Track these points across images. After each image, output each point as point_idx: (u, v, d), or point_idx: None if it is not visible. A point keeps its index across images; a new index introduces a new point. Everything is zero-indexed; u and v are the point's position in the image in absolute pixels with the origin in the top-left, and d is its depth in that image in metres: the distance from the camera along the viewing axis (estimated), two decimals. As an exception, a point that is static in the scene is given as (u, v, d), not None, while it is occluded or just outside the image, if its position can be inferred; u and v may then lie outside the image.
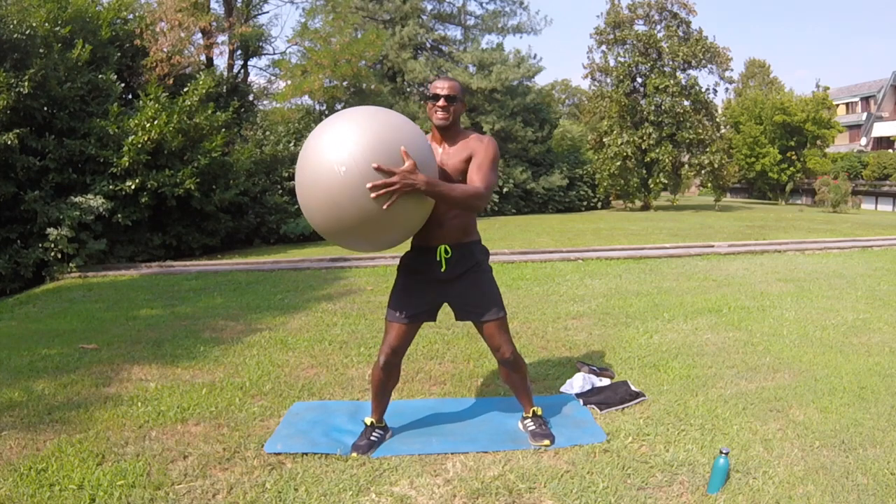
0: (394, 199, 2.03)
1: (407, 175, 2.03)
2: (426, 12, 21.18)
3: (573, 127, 26.30)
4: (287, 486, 2.27)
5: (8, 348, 4.23)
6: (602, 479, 2.31)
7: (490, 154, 2.38)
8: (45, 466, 2.41)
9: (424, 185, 2.07)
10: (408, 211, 2.11)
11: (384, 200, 2.01)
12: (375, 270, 7.61)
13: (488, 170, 2.36)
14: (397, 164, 2.04)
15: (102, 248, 8.73)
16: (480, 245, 2.57)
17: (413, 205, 2.12)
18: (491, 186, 2.34)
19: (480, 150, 2.39)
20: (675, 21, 22.49)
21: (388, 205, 2.02)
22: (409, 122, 2.24)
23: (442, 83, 2.42)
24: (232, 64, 15.27)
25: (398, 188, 2.02)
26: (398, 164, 2.04)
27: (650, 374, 3.52)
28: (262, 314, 5.20)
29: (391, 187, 2.01)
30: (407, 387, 3.34)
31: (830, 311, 5.12)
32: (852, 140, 38.21)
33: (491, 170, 2.36)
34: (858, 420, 2.86)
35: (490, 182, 2.34)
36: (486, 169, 2.35)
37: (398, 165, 2.04)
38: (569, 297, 5.73)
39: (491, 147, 2.40)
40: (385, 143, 2.04)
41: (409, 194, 2.06)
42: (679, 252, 8.97)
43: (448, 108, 2.40)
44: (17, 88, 8.10)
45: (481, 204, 2.31)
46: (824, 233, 12.49)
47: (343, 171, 1.99)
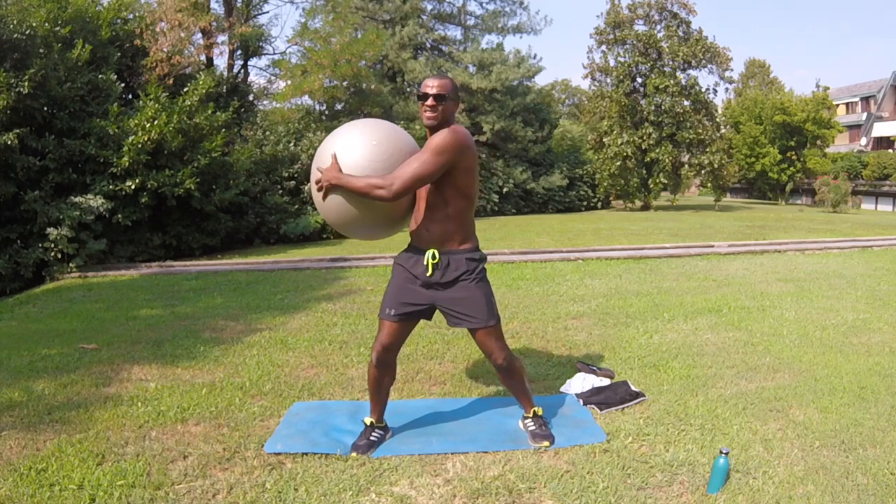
0: (322, 192, 2.42)
1: (326, 172, 2.40)
2: (426, 12, 21.17)
3: (573, 127, 26.27)
4: (287, 486, 2.27)
5: (8, 348, 4.24)
6: (602, 479, 2.31)
7: (430, 145, 2.31)
8: (45, 466, 2.41)
9: (334, 179, 2.38)
10: (344, 202, 2.44)
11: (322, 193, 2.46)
12: (375, 270, 7.61)
13: (412, 160, 2.32)
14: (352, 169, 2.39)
15: (102, 248, 8.73)
16: (473, 253, 2.51)
17: (345, 198, 2.43)
18: (404, 177, 2.28)
19: (429, 142, 2.33)
20: (675, 21, 22.48)
21: (322, 197, 2.45)
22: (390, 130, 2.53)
23: (432, 82, 2.37)
24: (232, 64, 15.27)
25: (321, 183, 2.42)
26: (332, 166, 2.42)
27: (650, 374, 3.52)
28: (262, 314, 5.20)
29: (319, 183, 2.44)
30: (407, 387, 3.34)
31: (830, 311, 5.12)
32: (852, 140, 38.21)
33: (417, 160, 2.30)
34: (858, 420, 2.86)
35: (406, 172, 2.29)
36: (411, 159, 2.33)
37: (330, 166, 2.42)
38: (569, 297, 5.73)
39: (436, 138, 2.31)
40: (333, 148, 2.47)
41: (336, 189, 2.40)
42: (679, 252, 8.97)
43: (436, 107, 2.35)
44: (17, 88, 8.10)
45: (382, 194, 2.29)
46: (824, 233, 12.48)
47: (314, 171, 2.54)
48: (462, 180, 2.39)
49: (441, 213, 2.43)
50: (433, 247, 2.45)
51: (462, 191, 2.42)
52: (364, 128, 2.53)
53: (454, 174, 2.36)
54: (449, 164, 2.32)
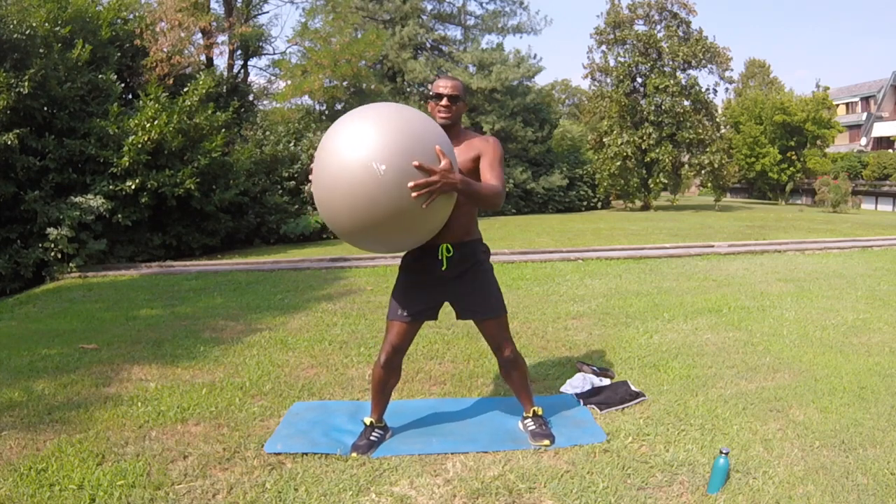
0: (433, 197, 2.02)
1: (446, 174, 2.04)
2: (426, 12, 21.17)
3: (573, 127, 26.29)
4: (287, 486, 2.27)
5: (8, 348, 4.23)
6: (602, 479, 2.31)
7: (498, 154, 2.45)
8: (45, 466, 2.41)
9: (461, 183, 2.10)
10: (440, 210, 2.11)
11: (423, 199, 2.00)
12: (375, 270, 7.61)
13: (500, 169, 2.43)
14: (433, 163, 2.03)
15: (102, 248, 8.73)
16: (482, 244, 2.58)
17: (444, 204, 2.12)
18: (505, 185, 2.42)
19: (489, 150, 2.44)
20: (675, 21, 22.49)
21: (428, 203, 2.01)
22: (430, 119, 2.25)
23: (445, 82, 2.44)
24: (232, 64, 15.27)
25: (438, 187, 2.02)
26: (434, 163, 2.03)
27: (650, 374, 3.52)
28: (262, 314, 5.20)
29: (432, 186, 2.00)
30: (407, 387, 3.34)
31: (830, 311, 5.11)
32: (852, 140, 38.21)
33: (502, 169, 2.44)
34: (858, 420, 2.86)
35: (503, 180, 2.42)
36: (499, 169, 2.42)
37: (434, 164, 2.03)
38: (569, 297, 5.73)
39: (498, 147, 2.47)
40: (420, 142, 2.03)
41: (445, 193, 2.07)
42: (679, 252, 8.97)
43: (450, 107, 2.43)
44: (17, 88, 8.10)
45: (501, 202, 2.37)
46: (824, 233, 12.48)
47: (383, 169, 1.96)
48: None
49: (463, 209, 2.45)
50: (446, 241, 2.45)
51: None
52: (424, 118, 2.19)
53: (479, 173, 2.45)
54: None
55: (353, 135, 2.04)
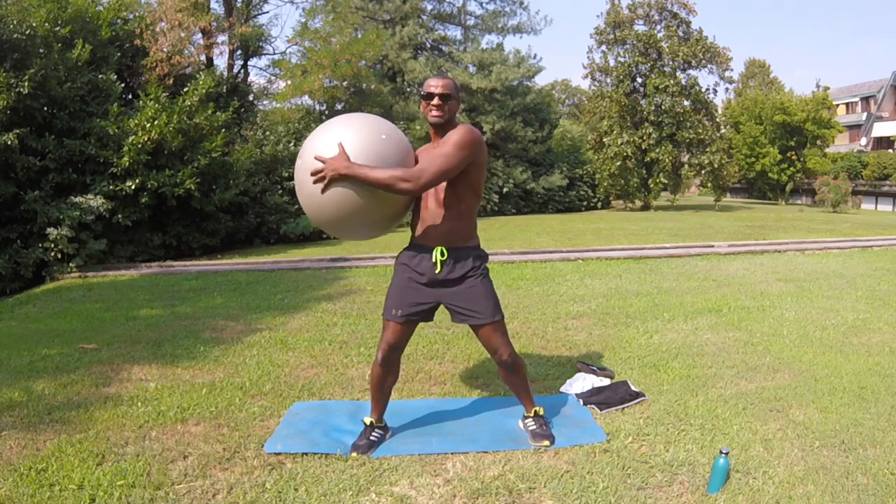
0: (325, 183, 2.26)
1: (332, 161, 2.26)
2: (426, 12, 21.18)
3: (573, 127, 26.29)
4: (287, 486, 2.27)
5: (8, 348, 4.23)
6: (602, 479, 2.31)
7: (451, 140, 2.33)
8: (45, 466, 2.41)
9: (345, 169, 2.24)
10: (350, 196, 2.30)
11: (320, 185, 2.29)
12: (375, 270, 7.61)
13: (437, 155, 2.32)
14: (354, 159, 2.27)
15: (102, 248, 8.72)
16: (478, 250, 2.57)
17: (353, 190, 2.29)
18: (432, 170, 2.29)
19: (447, 137, 2.37)
20: (675, 21, 22.49)
21: (323, 189, 2.28)
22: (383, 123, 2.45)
23: (436, 81, 2.43)
24: (232, 64, 15.27)
25: (324, 174, 2.26)
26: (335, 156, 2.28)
27: (650, 374, 3.52)
28: (262, 314, 5.20)
29: (321, 173, 2.27)
30: (407, 387, 3.34)
31: (830, 311, 5.11)
32: (852, 140, 38.21)
33: (442, 155, 2.31)
34: (858, 420, 2.86)
35: (433, 166, 2.30)
36: (436, 154, 2.34)
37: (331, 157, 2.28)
38: (569, 297, 5.73)
39: (456, 134, 2.35)
40: (327, 138, 2.33)
41: (344, 180, 2.26)
42: (679, 252, 8.96)
43: (442, 106, 2.41)
44: (17, 88, 8.10)
45: (409, 187, 2.27)
46: (824, 233, 12.48)
47: (299, 163, 2.38)
48: (475, 177, 2.44)
49: (453, 211, 2.45)
50: (441, 244, 2.45)
51: (474, 187, 2.47)
52: (367, 121, 2.43)
53: (469, 170, 2.40)
54: (469, 160, 2.36)
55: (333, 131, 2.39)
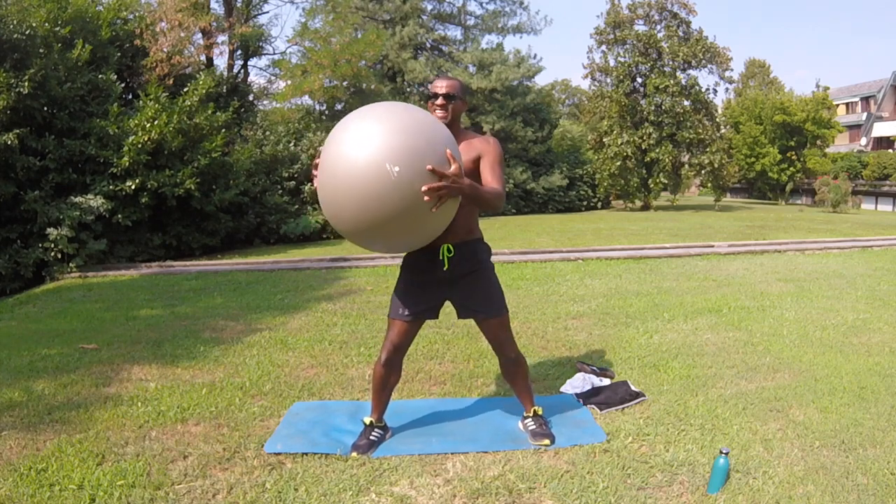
0: (443, 201, 2.04)
1: (456, 178, 2.05)
2: (426, 12, 21.18)
3: (573, 127, 26.30)
4: (287, 486, 2.27)
5: (8, 348, 4.23)
6: (602, 479, 2.31)
7: (499, 155, 2.46)
8: (45, 466, 2.41)
9: (469, 188, 2.12)
10: (446, 212, 2.13)
11: (434, 202, 2.01)
12: (375, 270, 7.61)
13: (500, 171, 2.44)
14: (443, 165, 2.04)
15: (102, 248, 8.73)
16: (483, 243, 2.58)
17: (450, 206, 2.13)
18: (505, 186, 2.44)
19: (489, 151, 2.44)
20: (675, 21, 22.50)
21: (437, 206, 2.03)
22: (438, 121, 2.25)
23: (441, 82, 2.45)
24: (232, 64, 15.26)
25: (448, 191, 2.03)
26: (444, 165, 2.04)
27: (650, 374, 3.52)
28: (262, 314, 5.20)
29: (442, 190, 2.01)
30: (407, 387, 3.34)
31: (830, 311, 5.11)
32: (852, 140, 38.20)
33: (502, 170, 2.46)
34: (858, 420, 2.86)
35: (504, 182, 2.44)
36: (499, 170, 2.43)
37: (444, 167, 2.04)
38: (569, 297, 5.73)
39: (498, 148, 2.47)
40: (431, 144, 2.05)
41: (453, 197, 2.08)
42: (679, 252, 8.97)
43: (447, 106, 2.42)
44: (17, 88, 8.10)
45: (503, 204, 2.39)
46: (824, 233, 12.48)
47: (396, 171, 1.96)
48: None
49: (462, 210, 2.43)
50: (448, 241, 2.44)
51: None
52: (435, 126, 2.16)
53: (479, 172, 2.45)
54: None
55: (365, 134, 2.03)
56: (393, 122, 2.05)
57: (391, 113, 2.10)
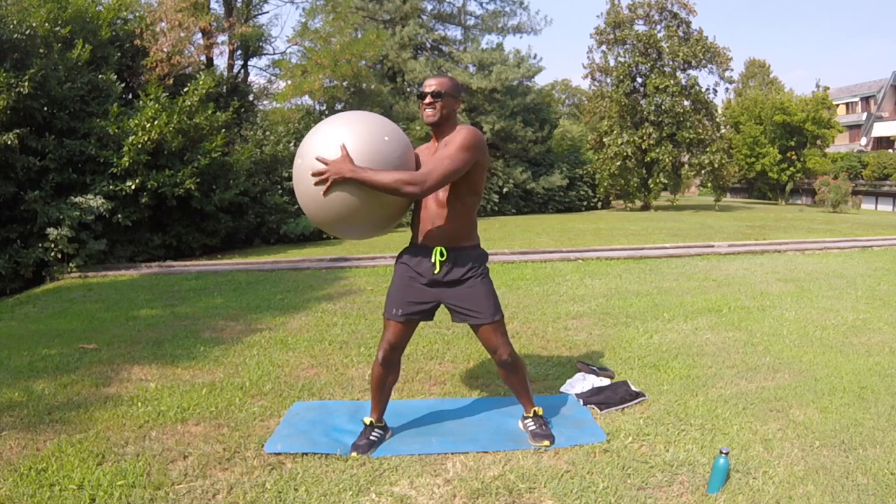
0: (327, 185, 2.22)
1: (335, 164, 2.21)
2: (426, 12, 21.17)
3: (573, 127, 26.29)
4: (287, 486, 2.27)
5: (8, 348, 4.23)
6: (602, 479, 2.31)
7: (459, 142, 2.31)
8: (45, 466, 2.41)
9: (349, 172, 2.21)
10: (351, 198, 2.26)
11: (322, 187, 2.25)
12: (375, 270, 7.61)
13: (442, 157, 2.29)
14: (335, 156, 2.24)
15: (102, 248, 8.73)
16: (478, 250, 2.56)
17: (354, 192, 2.25)
18: (437, 173, 2.26)
19: (451, 139, 2.35)
20: (675, 21, 22.49)
21: (324, 191, 2.24)
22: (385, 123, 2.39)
23: (429, 81, 2.43)
24: (232, 64, 15.26)
25: (327, 175, 2.22)
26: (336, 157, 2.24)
27: (650, 374, 3.52)
28: (262, 314, 5.20)
29: (323, 175, 2.22)
30: (407, 387, 3.34)
31: (830, 311, 5.11)
32: (852, 140, 38.19)
33: (447, 157, 2.28)
34: (858, 420, 2.86)
35: (439, 169, 2.26)
36: (441, 156, 2.30)
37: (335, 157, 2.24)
38: (569, 297, 5.73)
39: (459, 135, 2.33)
40: (329, 140, 2.28)
41: (346, 182, 2.22)
42: (679, 252, 8.97)
43: (434, 104, 2.40)
44: (17, 88, 8.10)
45: (414, 191, 2.23)
46: (824, 233, 12.48)
47: (299, 162, 2.33)
48: (477, 177, 2.44)
49: (453, 211, 2.44)
50: (441, 244, 2.44)
51: (475, 188, 2.46)
52: (369, 121, 2.36)
53: (471, 171, 2.39)
54: (473, 161, 2.35)
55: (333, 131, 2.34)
56: (321, 125, 2.39)
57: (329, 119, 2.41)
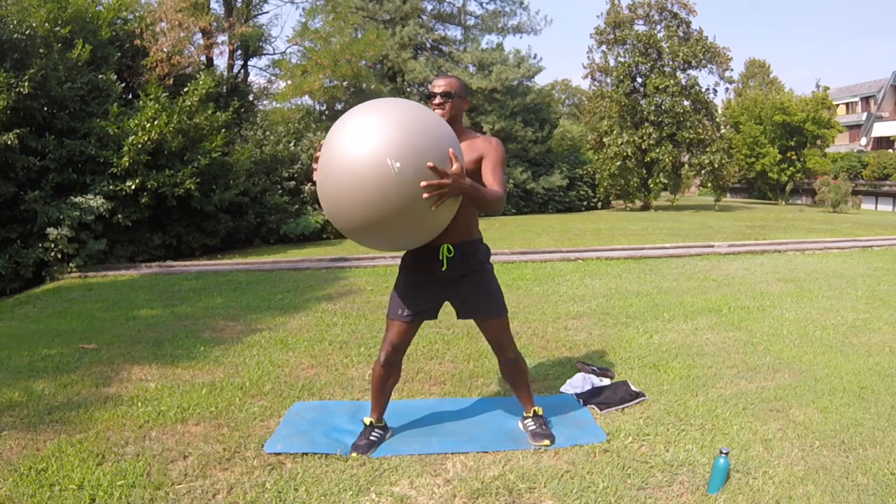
0: (443, 200, 2.02)
1: (457, 178, 2.04)
2: (426, 12, 21.18)
3: (573, 127, 26.29)
4: (287, 486, 2.27)
5: (8, 348, 4.23)
6: (602, 479, 2.31)
7: (500, 156, 2.45)
8: (45, 466, 2.41)
9: (470, 188, 2.11)
10: (446, 211, 2.11)
11: (433, 201, 2.00)
12: (375, 270, 7.61)
13: (501, 172, 2.43)
14: (445, 164, 2.03)
15: (102, 248, 8.73)
16: (483, 244, 2.57)
17: (451, 206, 2.12)
18: (506, 188, 2.44)
19: (491, 152, 2.43)
20: (675, 21, 22.49)
21: (437, 205, 2.01)
22: (442, 119, 2.22)
23: (439, 81, 2.44)
24: (232, 64, 15.25)
25: (448, 190, 2.02)
26: (446, 164, 2.03)
27: (650, 374, 3.52)
28: (262, 314, 5.20)
29: (443, 189, 2.00)
30: (407, 387, 3.34)
31: (830, 311, 5.11)
32: (852, 140, 38.20)
33: (503, 172, 2.44)
34: (858, 420, 2.86)
35: (505, 184, 2.42)
36: (500, 172, 2.42)
37: (446, 166, 2.03)
38: (569, 297, 5.73)
39: (500, 149, 2.46)
40: (434, 141, 2.03)
41: (453, 196, 2.07)
42: (679, 252, 8.97)
43: (444, 105, 2.42)
44: (17, 88, 8.10)
45: (503, 207, 2.38)
46: (824, 233, 12.48)
47: (397, 167, 1.93)
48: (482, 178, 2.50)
49: (461, 210, 2.43)
50: (447, 241, 2.44)
51: None
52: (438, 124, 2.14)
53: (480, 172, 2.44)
54: None
55: (367, 129, 1.99)
56: (395, 117, 2.01)
57: (393, 108, 2.07)
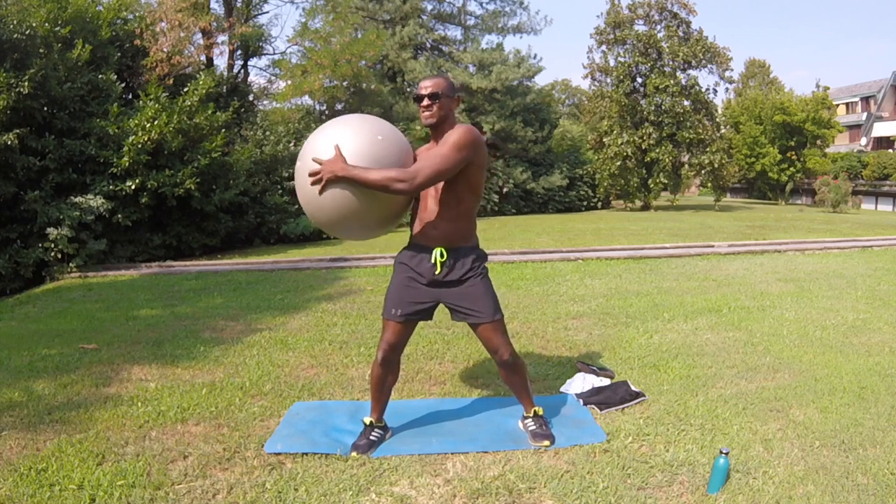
0: (322, 185, 2.26)
1: (329, 163, 2.25)
2: (426, 12, 21.18)
3: (573, 127, 26.29)
4: (287, 486, 2.27)
5: (8, 348, 4.24)
6: (602, 479, 2.31)
7: (450, 140, 2.32)
8: (45, 466, 2.41)
9: (341, 171, 2.24)
10: (347, 197, 2.30)
11: (318, 187, 2.30)
12: (375, 270, 7.60)
13: (434, 155, 2.31)
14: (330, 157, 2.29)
15: (102, 248, 8.73)
16: (478, 250, 2.57)
17: (350, 191, 2.29)
18: (427, 171, 2.28)
19: (446, 139, 2.35)
20: (675, 21, 22.49)
21: (320, 190, 2.29)
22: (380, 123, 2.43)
23: (425, 83, 2.42)
24: (232, 64, 15.26)
25: (321, 175, 2.26)
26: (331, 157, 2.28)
27: (650, 374, 3.52)
28: (262, 314, 5.20)
29: (317, 175, 2.26)
30: (407, 387, 3.34)
31: (830, 311, 5.11)
32: (852, 140, 38.20)
33: (440, 155, 2.30)
34: (858, 420, 2.86)
35: (429, 166, 2.28)
36: (433, 154, 2.33)
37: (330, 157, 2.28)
38: (569, 297, 5.73)
39: (454, 134, 2.33)
40: (333, 140, 2.32)
41: (340, 181, 2.25)
42: (679, 252, 8.96)
43: (431, 106, 2.40)
44: (17, 88, 8.10)
45: (404, 188, 2.25)
46: (824, 233, 12.48)
47: (299, 164, 2.40)
48: (475, 177, 2.43)
49: (453, 211, 2.44)
50: (441, 244, 2.44)
51: (473, 188, 2.45)
52: (364, 122, 2.41)
53: (468, 171, 2.38)
54: (467, 160, 2.35)
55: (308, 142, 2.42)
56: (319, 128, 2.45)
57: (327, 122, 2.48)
